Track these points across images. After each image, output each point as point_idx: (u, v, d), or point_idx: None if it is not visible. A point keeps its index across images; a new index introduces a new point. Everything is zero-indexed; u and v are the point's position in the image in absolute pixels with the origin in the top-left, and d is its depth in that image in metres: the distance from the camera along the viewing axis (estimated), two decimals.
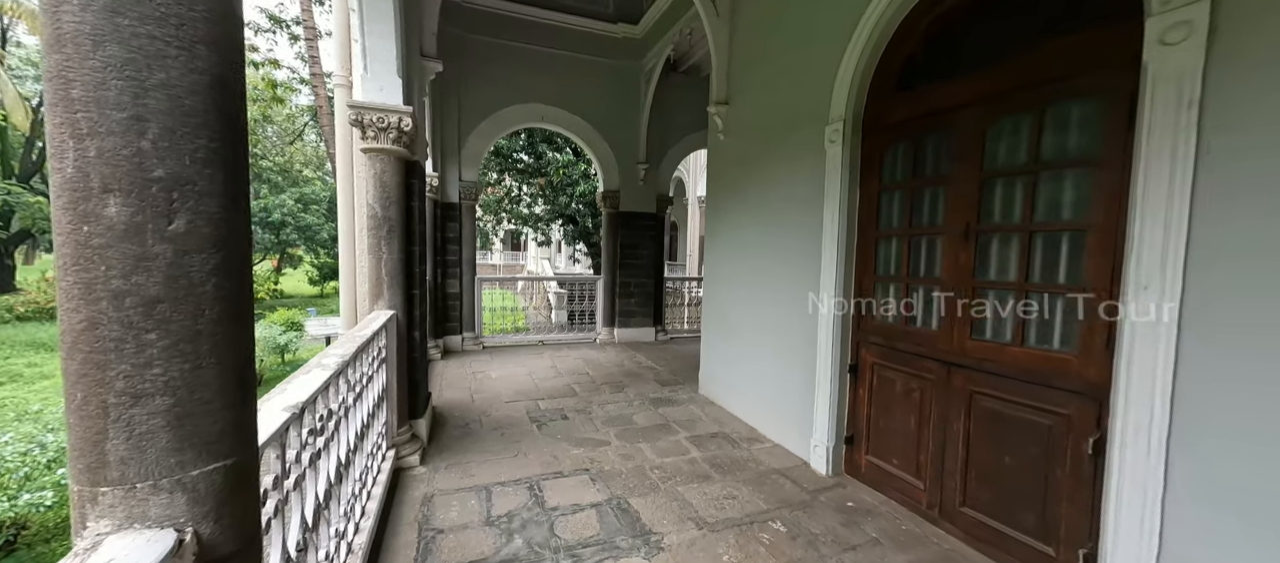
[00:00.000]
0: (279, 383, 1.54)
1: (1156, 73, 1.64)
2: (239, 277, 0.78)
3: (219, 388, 0.76)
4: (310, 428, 1.56)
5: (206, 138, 0.73)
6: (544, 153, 12.31)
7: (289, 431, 1.36)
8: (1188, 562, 1.61)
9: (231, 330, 0.77)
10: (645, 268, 7.57)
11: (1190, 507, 1.60)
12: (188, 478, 0.74)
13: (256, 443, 0.87)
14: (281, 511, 1.29)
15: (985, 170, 2.33)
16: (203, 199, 0.73)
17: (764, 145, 3.86)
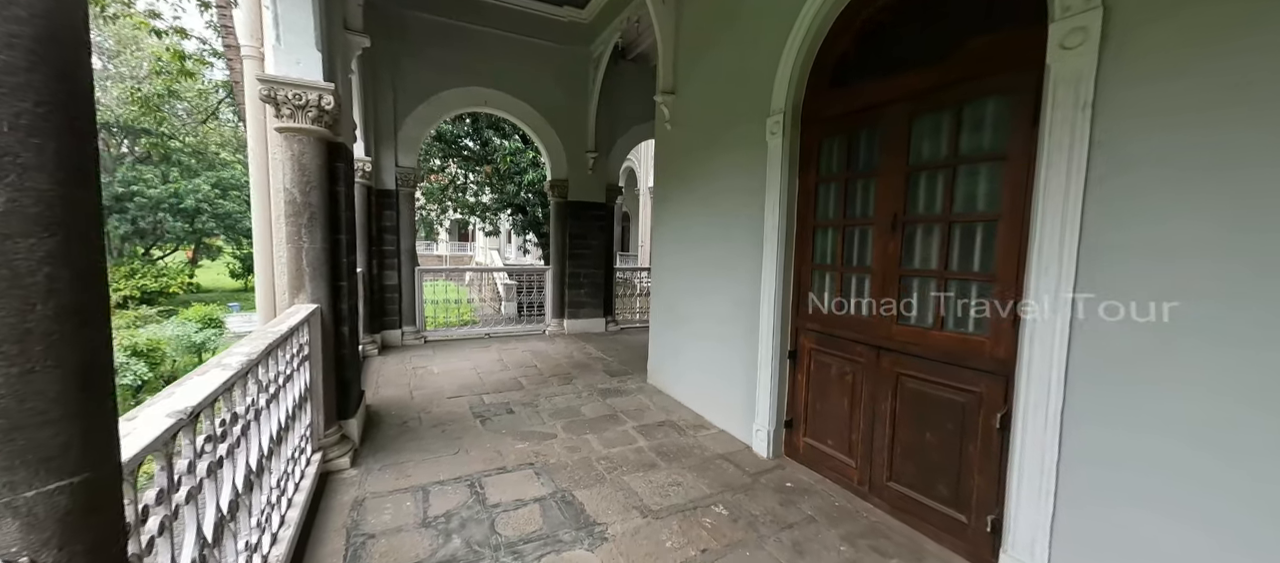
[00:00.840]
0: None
1: (1057, 75, 1.77)
2: (83, 265, 0.67)
3: (58, 395, 0.65)
4: (209, 435, 1.41)
5: (32, 101, 0.62)
6: (490, 140, 11.91)
7: (179, 438, 1.23)
8: (1076, 521, 1.79)
9: (73, 328, 0.66)
10: (595, 258, 7.50)
11: (1078, 470, 1.77)
12: (20, 501, 0.63)
13: (118, 456, 0.76)
14: (169, 528, 1.16)
15: (911, 164, 2.45)
16: (28, 173, 0.62)
17: (709, 136, 3.89)
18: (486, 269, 12.38)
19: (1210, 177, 1.46)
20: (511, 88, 6.59)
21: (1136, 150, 1.61)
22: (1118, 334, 1.67)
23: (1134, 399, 1.63)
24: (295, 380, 2.43)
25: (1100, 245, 1.70)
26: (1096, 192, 1.70)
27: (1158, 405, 1.58)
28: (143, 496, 1.07)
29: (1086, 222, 1.73)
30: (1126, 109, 1.62)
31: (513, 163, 11.10)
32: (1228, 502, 1.45)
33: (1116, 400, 1.67)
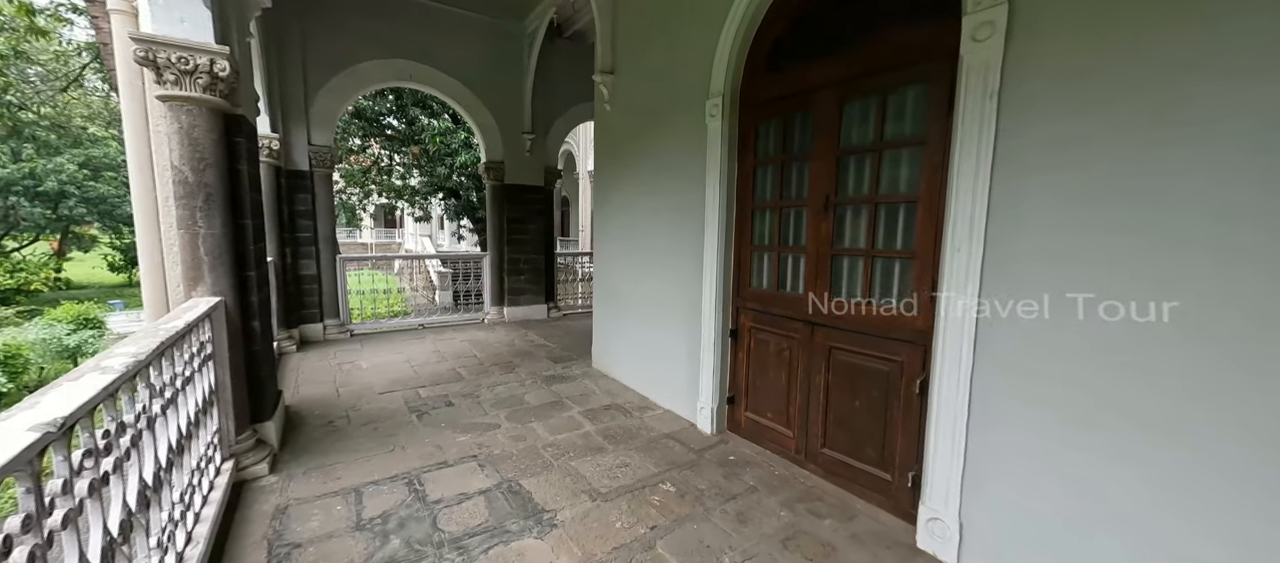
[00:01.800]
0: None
1: (969, 65, 1.92)
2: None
3: None
4: (88, 449, 1.22)
5: None
6: (417, 119, 11.16)
7: (48, 454, 1.05)
8: (982, 472, 1.99)
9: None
10: (534, 243, 7.31)
11: (984, 428, 1.98)
12: None
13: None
14: (42, 557, 0.99)
15: (841, 148, 2.58)
16: None
17: (650, 117, 3.87)
18: (418, 256, 11.68)
19: (1102, 167, 1.65)
20: (439, 63, 6.19)
21: (1035, 137, 1.78)
22: (1010, 307, 1.86)
23: (1029, 366, 1.83)
24: (197, 383, 2.17)
25: (1003, 223, 1.88)
26: (1001, 174, 1.87)
27: (1047, 370, 1.79)
28: (3, 524, 0.91)
29: (993, 204, 1.90)
30: (1028, 99, 1.79)
31: (443, 144, 10.49)
32: (1102, 454, 1.67)
33: (1014, 366, 1.87)
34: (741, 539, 2.23)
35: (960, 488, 2.06)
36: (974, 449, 2.02)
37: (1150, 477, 1.58)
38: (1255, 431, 1.38)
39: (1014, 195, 1.84)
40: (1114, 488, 1.65)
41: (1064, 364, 1.74)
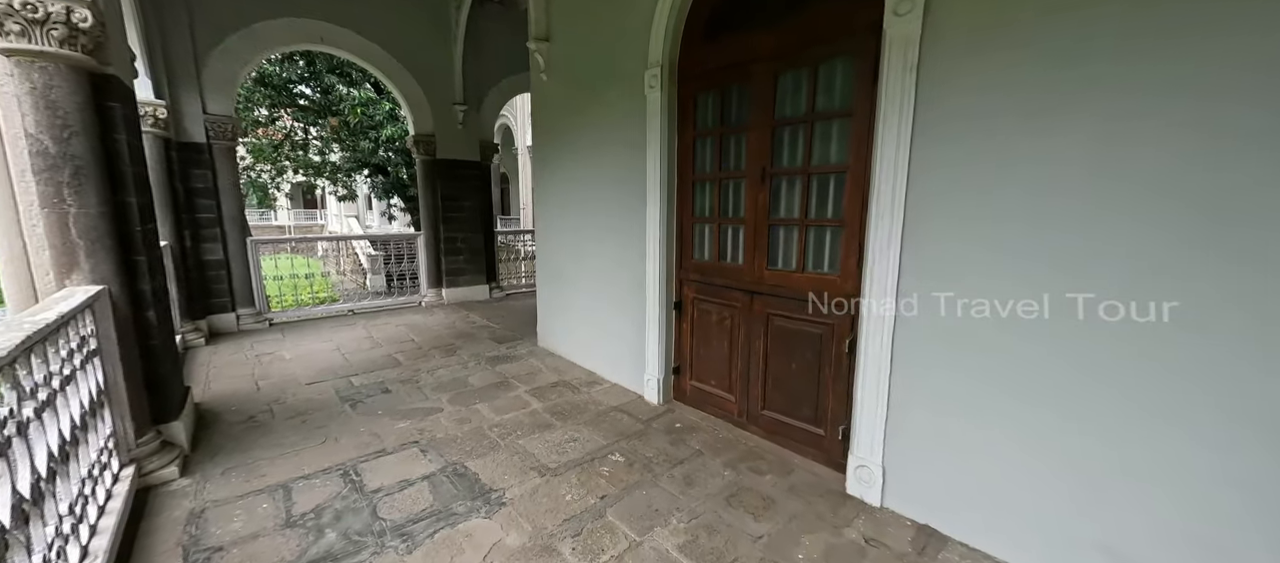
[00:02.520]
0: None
1: (891, 38, 2.01)
2: None
3: None
4: None
5: None
6: (334, 87, 10.23)
7: None
8: (904, 416, 2.18)
9: None
10: (472, 221, 7.01)
11: (904, 381, 2.16)
12: None
13: None
14: None
15: (776, 119, 2.64)
16: None
17: (587, 88, 3.77)
18: (344, 238, 10.87)
19: (1008, 139, 1.80)
20: (356, 25, 5.66)
21: (949, 107, 1.91)
22: (934, 264, 2.02)
23: (942, 322, 2.01)
24: (81, 382, 1.92)
25: (921, 191, 2.02)
26: (920, 143, 2.00)
27: (957, 325, 1.97)
28: None
29: (913, 172, 2.03)
30: (943, 72, 1.91)
31: (365, 116, 9.71)
32: (1002, 398, 1.88)
33: (930, 322, 2.04)
34: (688, 500, 2.31)
35: (883, 437, 2.24)
36: (895, 400, 2.20)
37: (1036, 411, 1.80)
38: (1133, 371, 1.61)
39: (930, 163, 1.98)
40: (1011, 427, 1.87)
41: (967, 316, 1.92)
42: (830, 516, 2.21)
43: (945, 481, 2.07)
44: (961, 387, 1.98)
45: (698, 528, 2.11)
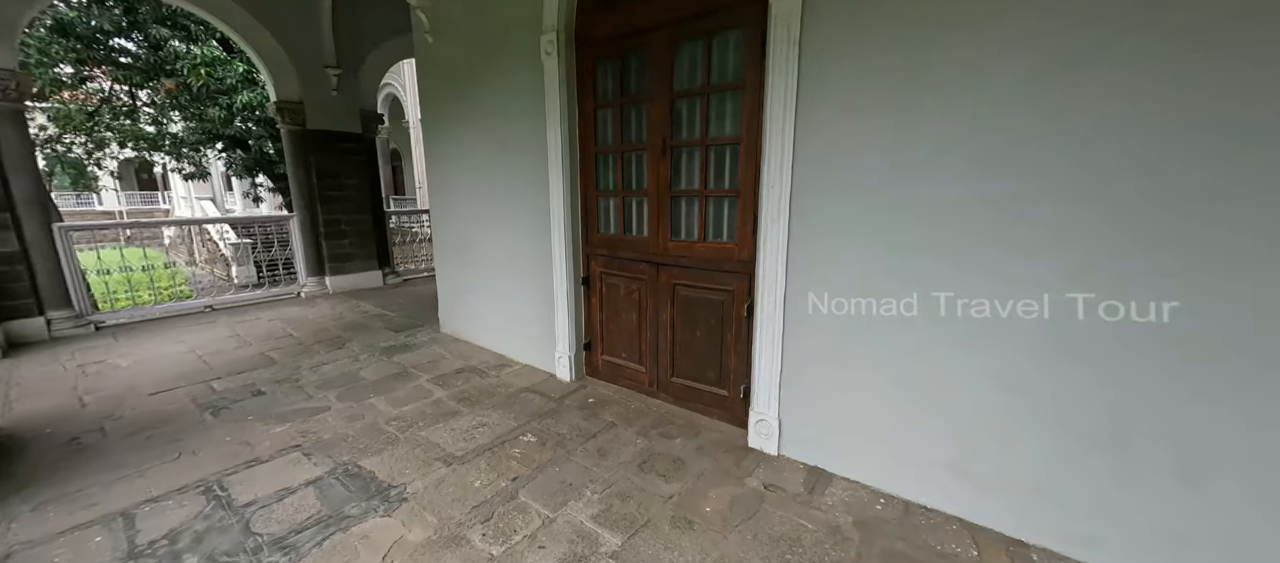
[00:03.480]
0: None
1: (775, 13, 2.10)
2: None
3: None
4: None
5: None
6: (165, 42, 8.54)
7: None
8: (796, 369, 2.37)
9: None
10: (358, 200, 6.33)
11: (795, 333, 2.34)
12: None
13: None
14: None
15: (675, 91, 2.67)
16: None
17: (480, 51, 3.52)
18: (194, 222, 9.28)
19: (876, 108, 1.97)
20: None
21: (828, 78, 2.04)
22: (817, 229, 2.19)
23: (826, 281, 2.20)
24: None
25: (804, 159, 2.16)
26: (804, 112, 2.13)
27: (835, 282, 2.16)
28: None
29: (798, 141, 2.16)
30: (822, 45, 2.04)
31: (211, 77, 8.24)
32: (877, 348, 2.11)
33: (816, 283, 2.23)
34: (602, 471, 2.34)
35: (779, 391, 2.43)
36: (788, 357, 2.38)
37: (906, 360, 2.05)
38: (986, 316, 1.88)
39: (812, 133, 2.12)
40: (884, 374, 2.11)
41: (846, 273, 2.13)
42: (734, 469, 2.36)
43: (830, 426, 2.30)
44: (844, 341, 2.20)
45: (612, 497, 2.15)
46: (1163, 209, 1.49)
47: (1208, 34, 1.39)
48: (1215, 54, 1.38)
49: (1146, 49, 1.46)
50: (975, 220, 1.80)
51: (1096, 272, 1.62)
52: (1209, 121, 1.41)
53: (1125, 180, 1.53)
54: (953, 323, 1.90)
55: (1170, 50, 1.43)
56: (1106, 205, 1.57)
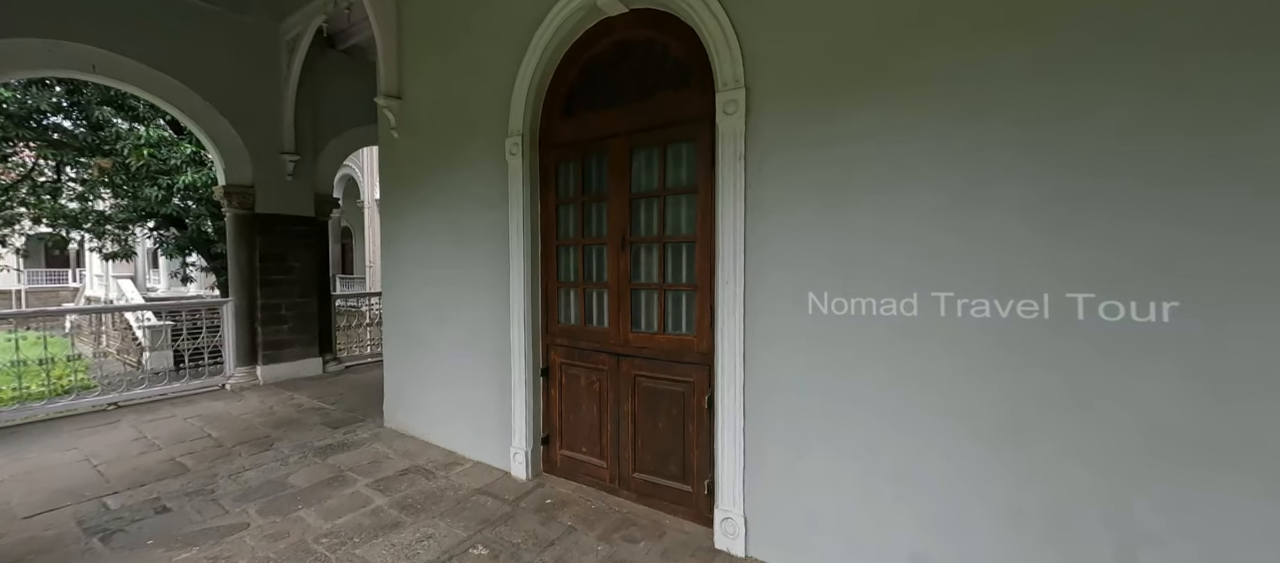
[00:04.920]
0: None
1: (722, 131, 2.33)
2: None
3: None
4: None
5: None
6: (108, 122, 8.28)
7: None
8: (759, 463, 2.36)
9: None
10: (303, 284, 6.05)
11: (756, 425, 2.35)
12: None
13: None
14: None
15: (633, 191, 2.83)
16: None
17: (445, 147, 3.63)
18: (106, 309, 8.50)
19: (805, 214, 2.16)
20: (147, 55, 4.72)
21: (769, 188, 2.25)
22: (769, 323, 2.29)
23: (783, 371, 2.27)
24: None
25: (753, 259, 2.31)
26: (753, 219, 2.30)
27: (795, 371, 2.24)
28: None
29: (748, 243, 2.32)
30: (763, 160, 2.26)
31: (154, 158, 7.97)
32: (839, 439, 2.16)
33: (774, 375, 2.29)
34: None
35: (743, 487, 2.39)
36: (751, 448, 2.38)
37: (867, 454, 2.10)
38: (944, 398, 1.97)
39: (760, 237, 2.29)
40: (848, 467, 2.14)
41: (803, 363, 2.21)
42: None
43: (797, 521, 2.26)
44: (808, 432, 2.23)
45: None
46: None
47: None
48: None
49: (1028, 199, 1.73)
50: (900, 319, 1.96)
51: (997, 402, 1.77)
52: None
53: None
54: (908, 412, 1.99)
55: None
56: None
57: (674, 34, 2.60)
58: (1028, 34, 1.72)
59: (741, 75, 2.27)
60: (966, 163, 1.84)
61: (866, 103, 2.01)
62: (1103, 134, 1.62)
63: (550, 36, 2.95)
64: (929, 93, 1.89)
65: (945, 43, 1.86)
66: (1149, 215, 1.57)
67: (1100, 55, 1.62)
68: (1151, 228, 1.57)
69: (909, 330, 1.96)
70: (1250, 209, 1.45)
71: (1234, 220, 1.47)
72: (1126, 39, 1.58)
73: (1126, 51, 1.58)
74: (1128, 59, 1.58)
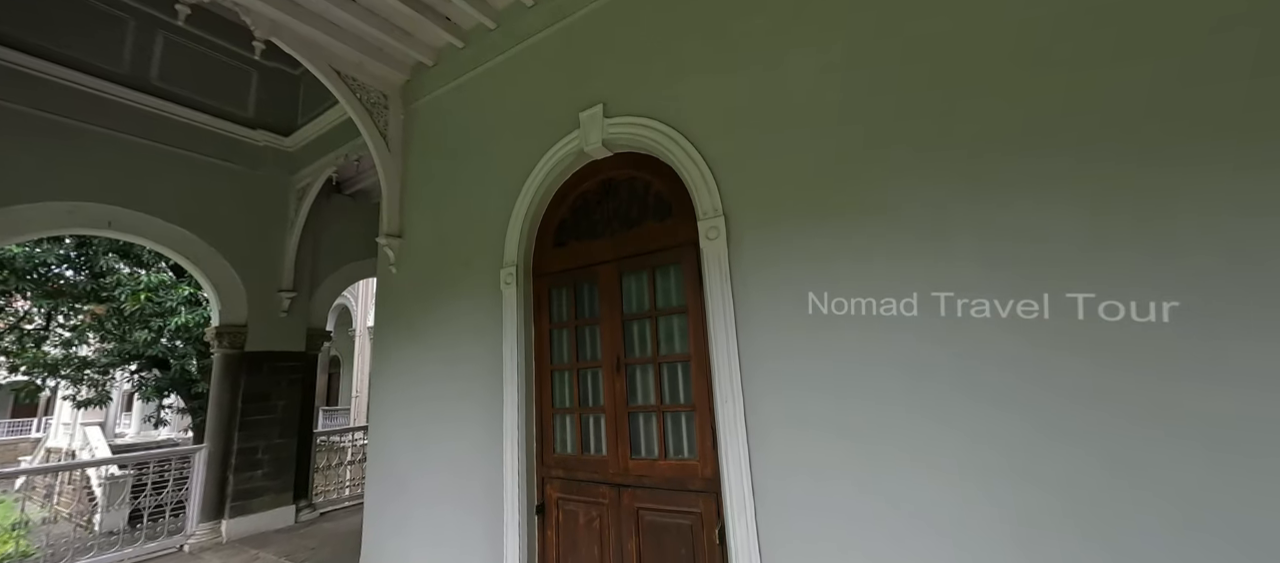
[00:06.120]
0: None
1: (706, 254, 2.47)
2: None
3: None
4: None
5: None
6: (111, 270, 8.48)
7: None
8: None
9: None
10: (284, 424, 5.80)
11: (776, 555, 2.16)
12: None
13: None
14: None
15: (625, 314, 2.90)
16: None
17: (441, 280, 3.75)
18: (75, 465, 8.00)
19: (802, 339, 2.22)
20: (160, 208, 5.01)
21: (748, 304, 2.33)
22: (772, 448, 2.22)
23: (799, 493, 2.15)
24: None
25: (750, 373, 2.31)
26: (745, 335, 2.34)
27: (815, 490, 2.12)
28: None
29: (743, 360, 2.34)
30: (747, 279, 2.36)
31: (151, 302, 8.05)
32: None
33: (787, 497, 2.17)
34: None
35: None
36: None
37: None
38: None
39: (754, 352, 2.31)
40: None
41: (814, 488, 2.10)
42: None
43: None
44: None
45: None
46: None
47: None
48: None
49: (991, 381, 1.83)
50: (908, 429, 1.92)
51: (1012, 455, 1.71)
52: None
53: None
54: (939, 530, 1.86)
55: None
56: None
57: (655, 172, 2.87)
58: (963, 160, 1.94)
59: (720, 205, 2.47)
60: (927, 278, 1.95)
61: (837, 220, 2.17)
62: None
63: (541, 178, 3.22)
64: (887, 217, 2.06)
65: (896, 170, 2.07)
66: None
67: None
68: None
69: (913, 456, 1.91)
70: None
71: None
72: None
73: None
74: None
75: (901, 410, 1.95)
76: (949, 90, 2.01)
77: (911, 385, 1.94)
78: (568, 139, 3.12)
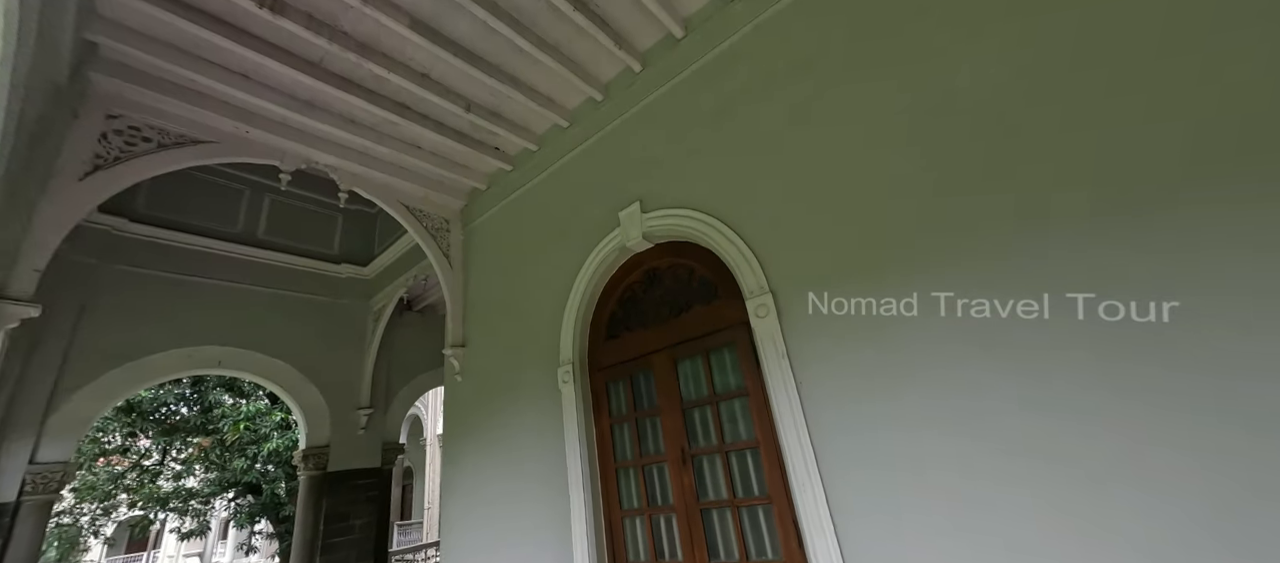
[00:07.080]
0: None
1: (759, 333, 2.42)
2: None
3: None
4: None
5: None
6: (218, 403, 9.37)
7: None
8: None
9: None
10: (361, 545, 5.88)
11: None
12: None
13: None
14: None
15: (684, 401, 2.83)
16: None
17: (502, 384, 3.86)
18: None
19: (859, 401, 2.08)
20: (261, 344, 5.61)
21: (810, 378, 2.21)
22: (872, 534, 2.00)
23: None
24: None
25: (825, 452, 2.14)
26: (811, 412, 2.21)
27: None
28: None
29: (815, 438, 2.19)
30: (805, 353, 2.28)
31: (249, 430, 8.74)
32: None
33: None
34: None
35: None
36: None
37: None
38: None
39: (828, 431, 2.16)
40: None
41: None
42: None
43: None
44: None
45: None
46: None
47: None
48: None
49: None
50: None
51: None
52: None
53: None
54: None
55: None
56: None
57: (695, 257, 2.93)
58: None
59: (765, 282, 2.46)
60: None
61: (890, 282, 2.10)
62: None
63: (589, 276, 3.36)
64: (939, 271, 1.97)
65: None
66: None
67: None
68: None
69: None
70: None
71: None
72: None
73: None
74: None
75: (988, 481, 1.72)
76: (987, 146, 1.99)
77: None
78: (610, 237, 3.28)
